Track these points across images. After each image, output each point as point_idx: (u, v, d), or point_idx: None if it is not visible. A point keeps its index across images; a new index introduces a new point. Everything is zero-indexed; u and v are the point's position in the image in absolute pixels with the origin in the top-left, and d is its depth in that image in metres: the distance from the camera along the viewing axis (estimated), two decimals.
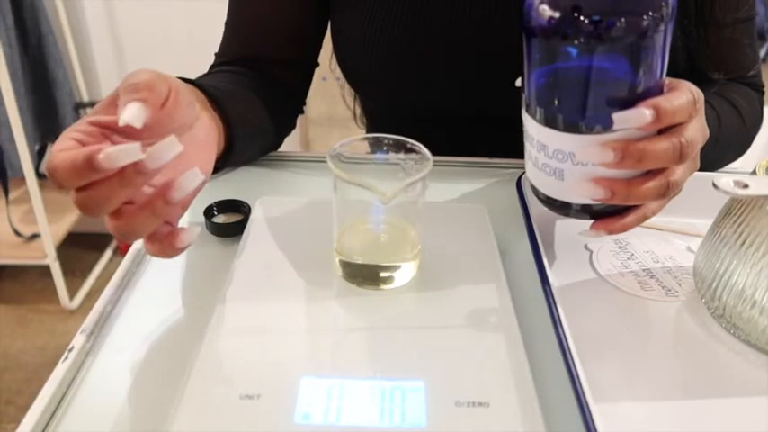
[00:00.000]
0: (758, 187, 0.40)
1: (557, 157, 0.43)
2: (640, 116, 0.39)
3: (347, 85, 0.77)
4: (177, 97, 0.39)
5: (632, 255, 0.53)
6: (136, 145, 0.33)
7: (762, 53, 1.58)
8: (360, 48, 0.69)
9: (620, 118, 0.40)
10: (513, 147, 0.61)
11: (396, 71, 0.69)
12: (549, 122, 0.42)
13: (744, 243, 0.42)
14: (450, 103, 0.71)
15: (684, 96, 0.41)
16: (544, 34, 0.40)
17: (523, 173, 0.55)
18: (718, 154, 0.65)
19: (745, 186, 0.40)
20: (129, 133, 0.37)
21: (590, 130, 0.41)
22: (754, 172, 0.44)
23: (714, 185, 0.40)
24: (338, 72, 0.75)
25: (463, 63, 0.67)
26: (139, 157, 0.33)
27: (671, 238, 0.55)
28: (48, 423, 0.37)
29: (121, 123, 0.35)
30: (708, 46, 0.66)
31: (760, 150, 0.73)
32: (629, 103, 0.40)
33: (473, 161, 0.67)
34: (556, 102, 0.42)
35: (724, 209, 0.45)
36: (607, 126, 0.40)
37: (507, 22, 0.64)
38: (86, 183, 0.34)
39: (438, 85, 0.69)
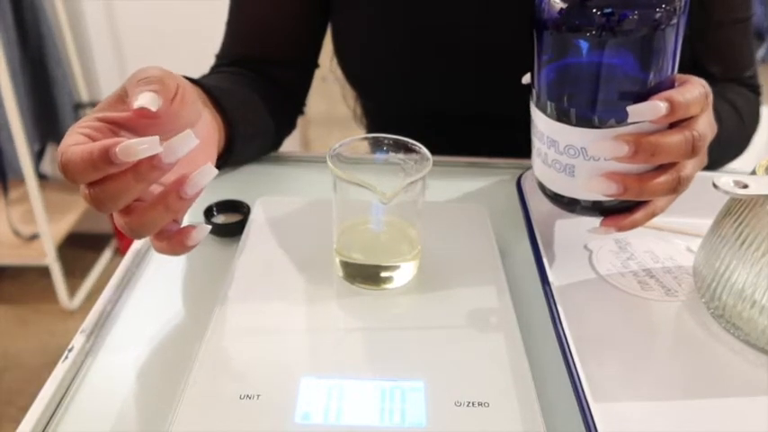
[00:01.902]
0: (758, 187, 0.40)
1: (568, 152, 0.43)
2: (655, 109, 0.39)
3: (347, 85, 0.77)
4: (184, 95, 0.39)
5: (632, 255, 0.52)
6: (155, 138, 0.33)
7: (761, 53, 1.58)
8: (359, 48, 0.69)
9: (634, 110, 0.39)
10: (513, 147, 0.61)
11: (396, 71, 0.69)
12: (561, 117, 0.42)
13: (744, 243, 0.42)
14: (451, 103, 0.70)
15: (696, 90, 0.41)
16: (555, 27, 0.40)
17: (523, 173, 0.55)
18: (719, 153, 0.65)
19: (745, 186, 0.40)
20: (136, 130, 0.37)
21: (603, 125, 0.41)
22: (753, 172, 0.44)
23: (714, 185, 0.40)
24: (338, 72, 0.75)
25: (463, 63, 0.67)
26: (157, 149, 0.33)
27: (671, 237, 0.55)
28: (48, 423, 0.37)
29: (136, 106, 0.35)
30: (705, 45, 0.66)
31: (760, 150, 0.73)
32: (641, 96, 0.40)
33: (473, 161, 0.67)
34: (568, 96, 0.42)
35: (724, 209, 0.45)
36: (620, 120, 0.40)
37: (508, 23, 0.64)
38: (100, 176, 0.33)
39: (438, 86, 0.69)
